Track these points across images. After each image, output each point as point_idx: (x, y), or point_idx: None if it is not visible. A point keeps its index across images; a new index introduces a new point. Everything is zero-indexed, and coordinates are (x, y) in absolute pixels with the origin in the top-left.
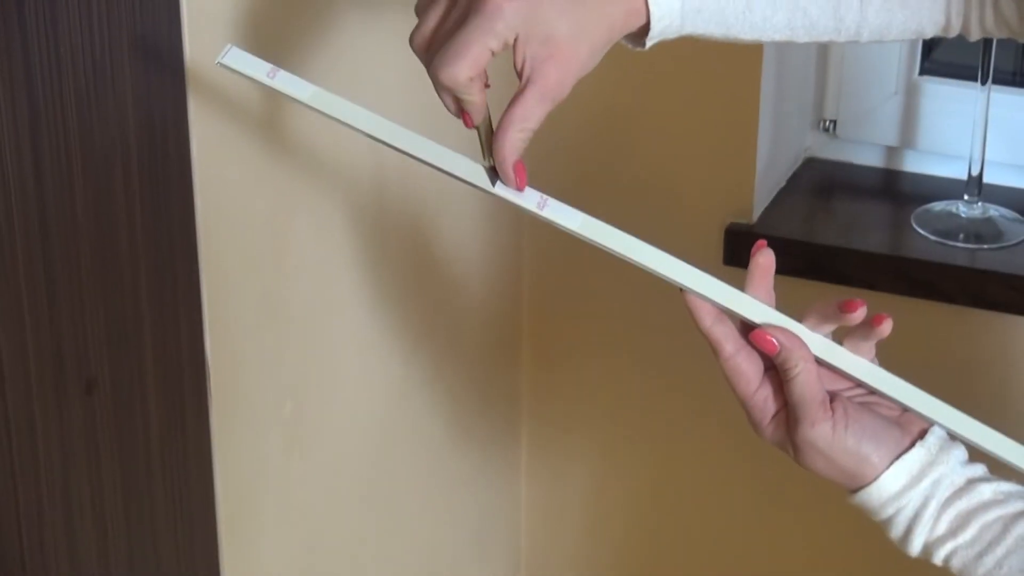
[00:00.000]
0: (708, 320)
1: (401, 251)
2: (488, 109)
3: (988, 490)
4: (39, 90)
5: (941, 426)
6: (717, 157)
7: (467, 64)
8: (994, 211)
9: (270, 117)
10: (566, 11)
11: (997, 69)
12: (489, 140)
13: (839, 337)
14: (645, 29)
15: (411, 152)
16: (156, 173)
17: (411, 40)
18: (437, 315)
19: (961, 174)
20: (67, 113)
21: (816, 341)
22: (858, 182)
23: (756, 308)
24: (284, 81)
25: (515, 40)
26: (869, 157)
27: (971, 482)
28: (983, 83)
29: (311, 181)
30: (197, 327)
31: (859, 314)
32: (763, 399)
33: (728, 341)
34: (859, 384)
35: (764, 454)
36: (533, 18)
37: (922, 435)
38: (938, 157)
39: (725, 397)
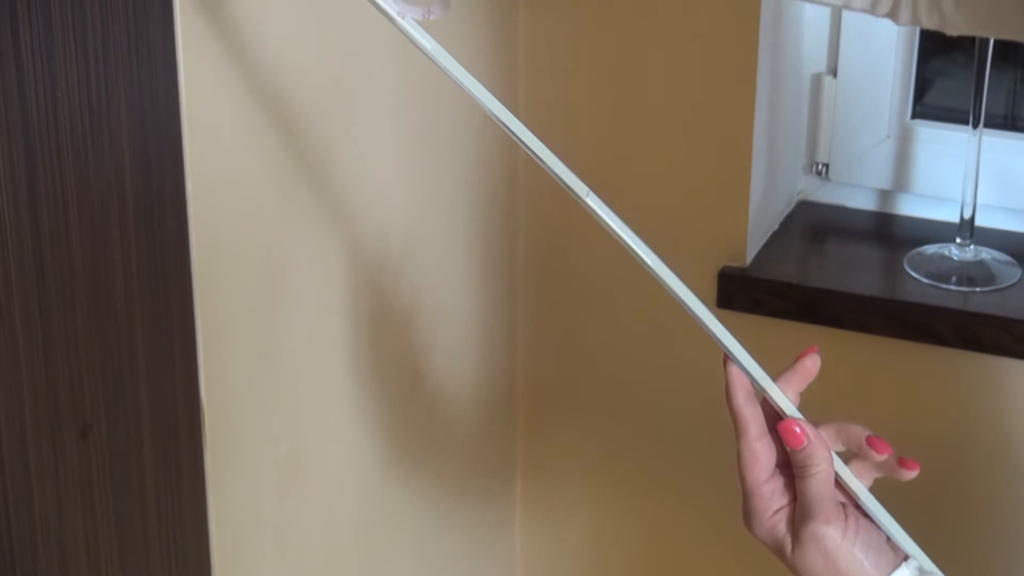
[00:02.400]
0: (742, 397)
1: (399, 299)
2: None
3: None
4: (35, 136)
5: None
6: (710, 200)
7: None
8: (986, 254)
9: (267, 160)
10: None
11: (989, 113)
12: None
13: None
14: None
15: (512, 129)
16: (152, 218)
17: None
18: (433, 359)
19: (953, 217)
20: (64, 159)
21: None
22: (851, 225)
23: (787, 401)
24: (411, 25)
25: None
26: (862, 200)
27: None
28: (975, 127)
29: (309, 225)
30: (192, 370)
31: (885, 457)
32: (770, 491)
33: (755, 423)
34: (855, 503)
35: None
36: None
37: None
38: (930, 200)
39: (721, 461)
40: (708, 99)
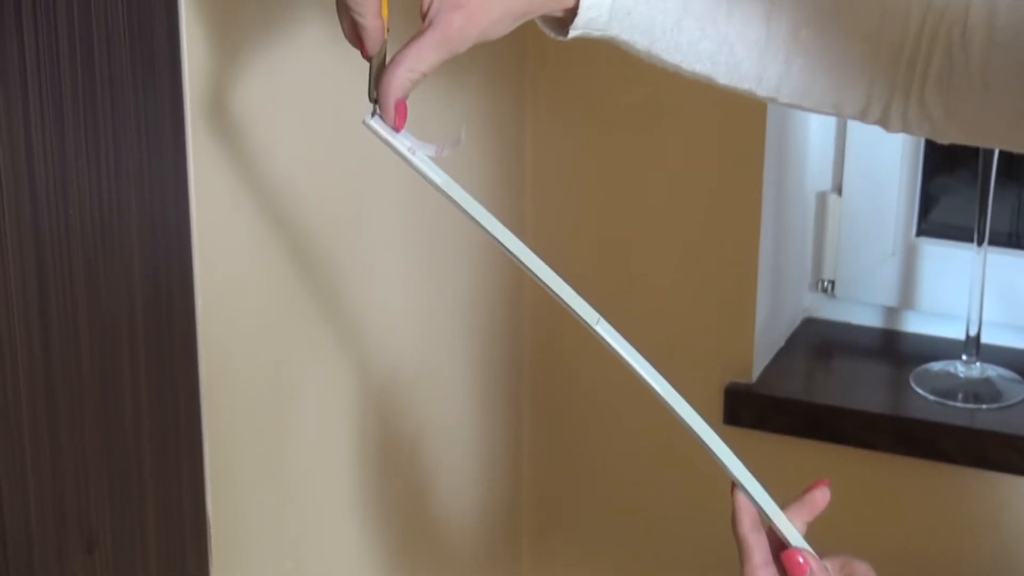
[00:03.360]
0: (748, 524)
1: (404, 415)
2: (385, 45)
3: None
4: (47, 250)
5: None
6: (716, 316)
7: None
8: (992, 371)
9: (276, 278)
10: None
11: (993, 230)
12: (379, 75)
13: None
14: (571, 15)
15: (522, 260)
16: (161, 334)
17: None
18: (438, 482)
19: (959, 334)
20: (75, 274)
21: None
22: (857, 342)
23: (793, 530)
24: (422, 161)
25: None
26: (867, 317)
27: None
28: (979, 244)
29: (316, 344)
30: (199, 485)
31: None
32: None
33: (759, 551)
34: None
35: None
36: None
37: None
38: (936, 317)
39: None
40: (714, 216)
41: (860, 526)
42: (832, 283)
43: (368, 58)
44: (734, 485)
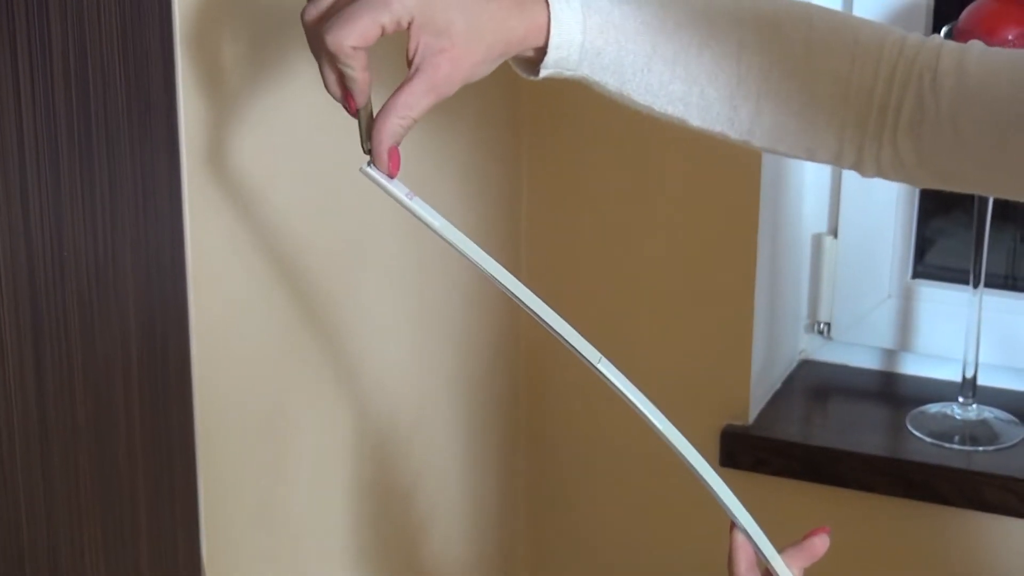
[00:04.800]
0: (744, 566)
1: (400, 461)
2: (370, 97)
3: None
4: (41, 295)
5: None
6: (713, 359)
7: (356, 33)
8: (989, 413)
9: (272, 322)
10: (467, 9)
11: (989, 273)
12: (369, 126)
13: None
14: (541, 55)
15: (523, 300)
16: (156, 378)
17: (303, 14)
18: (433, 530)
19: (956, 376)
20: (69, 318)
21: None
22: (853, 384)
23: (787, 572)
24: (420, 206)
25: (410, 24)
26: (864, 359)
27: None
28: (975, 286)
29: (313, 389)
30: (194, 532)
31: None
32: None
33: None
34: None
35: None
36: (431, 7)
37: None
38: (932, 359)
39: None
40: (710, 259)
41: (857, 569)
42: (828, 325)
43: (354, 112)
44: (733, 525)
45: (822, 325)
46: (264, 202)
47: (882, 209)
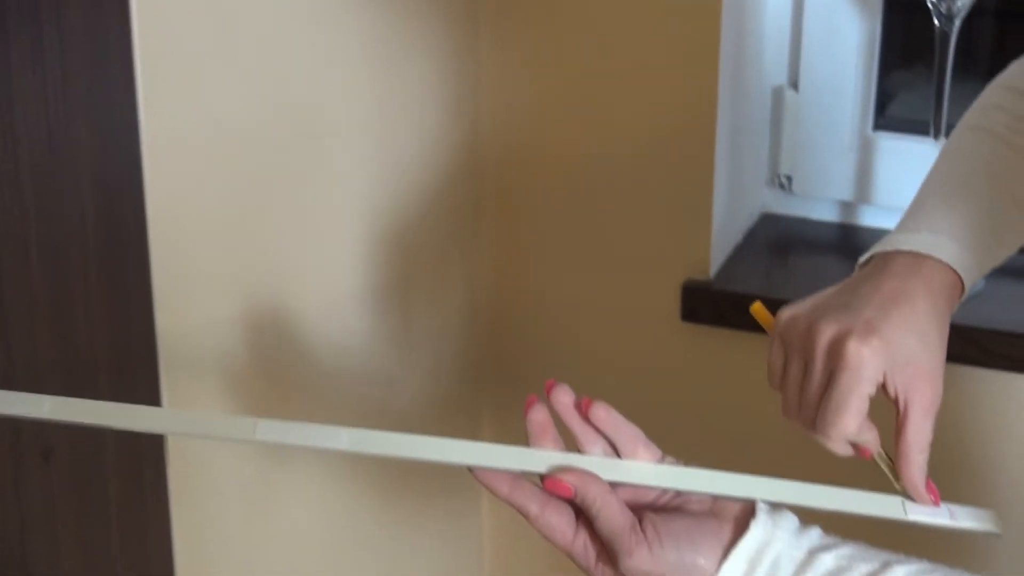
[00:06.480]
0: (505, 488)
1: (372, 528)
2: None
3: (830, 559)
4: None
5: (758, 499)
6: (673, 214)
7: (852, 419)
8: None
9: (229, 186)
10: (912, 328)
11: (950, 124)
12: (891, 467)
13: None
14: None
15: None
16: (113, 248)
17: (785, 412)
18: None
19: None
20: (24, 191)
21: (602, 465)
22: (814, 237)
23: (540, 458)
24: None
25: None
26: (825, 212)
27: (812, 553)
28: (936, 137)
29: (270, 251)
30: (153, 386)
31: (559, 402)
32: (583, 545)
33: (531, 503)
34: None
35: None
36: (893, 348)
37: (742, 517)
38: (893, 211)
39: None
40: (670, 114)
41: None
42: (789, 178)
43: (869, 458)
44: (471, 471)
45: (783, 178)
46: (219, 65)
47: (843, 61)
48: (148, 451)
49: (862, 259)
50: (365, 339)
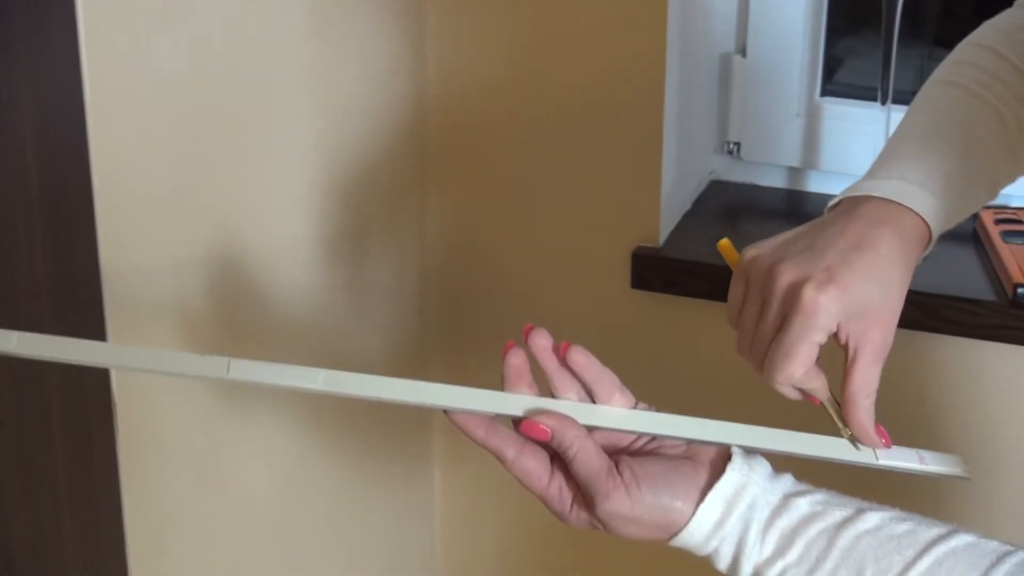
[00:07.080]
0: (481, 432)
1: (325, 495)
2: (825, 383)
3: (805, 504)
4: None
5: (731, 444)
6: (622, 181)
7: (799, 364)
8: None
9: (175, 150)
10: (873, 275)
11: (897, 89)
12: (838, 412)
13: None
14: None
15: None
16: (57, 213)
17: (738, 350)
18: None
19: None
20: None
21: (579, 410)
22: (763, 203)
23: (517, 402)
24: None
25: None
26: (773, 178)
27: (787, 498)
28: (883, 103)
29: (216, 219)
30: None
31: (537, 345)
32: (557, 489)
33: (507, 447)
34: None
35: None
36: (849, 296)
37: (718, 461)
38: (841, 177)
39: None
40: (618, 81)
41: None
42: (738, 145)
43: (818, 405)
44: (446, 413)
45: (731, 145)
46: (165, 27)
47: (790, 27)
48: (96, 423)
49: (831, 203)
50: (317, 290)
